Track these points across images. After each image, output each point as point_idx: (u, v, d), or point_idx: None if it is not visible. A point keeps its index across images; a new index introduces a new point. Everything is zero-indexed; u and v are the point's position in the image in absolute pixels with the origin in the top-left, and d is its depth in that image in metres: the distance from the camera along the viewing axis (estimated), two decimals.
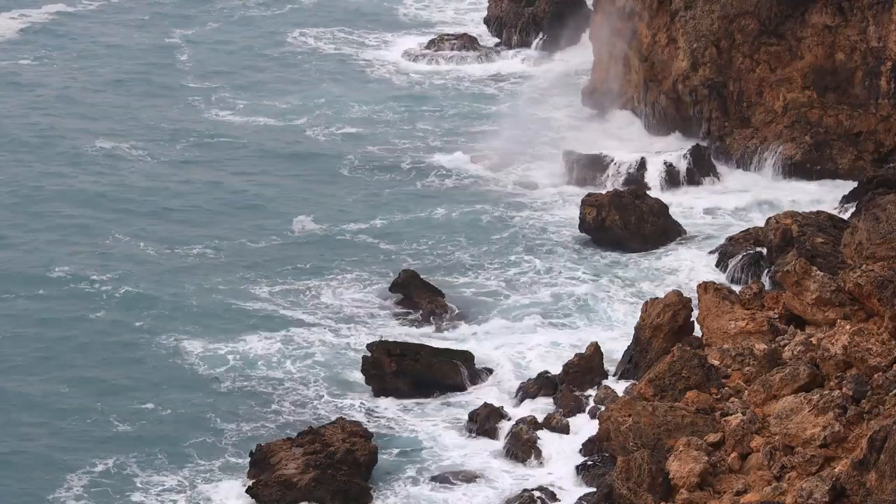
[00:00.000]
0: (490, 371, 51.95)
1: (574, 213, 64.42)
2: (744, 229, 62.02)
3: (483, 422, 48.01)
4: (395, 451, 47.12)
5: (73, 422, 48.70)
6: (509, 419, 48.03)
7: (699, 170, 69.57)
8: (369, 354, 51.19)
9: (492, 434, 47.58)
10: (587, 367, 50.43)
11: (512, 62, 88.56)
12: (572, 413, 48.22)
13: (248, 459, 45.77)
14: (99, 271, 59.18)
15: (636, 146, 72.78)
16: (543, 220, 65.28)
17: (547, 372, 51.05)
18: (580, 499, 43.31)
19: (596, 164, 70.37)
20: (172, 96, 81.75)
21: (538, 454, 46.18)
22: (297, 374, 51.84)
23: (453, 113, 79.46)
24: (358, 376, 51.33)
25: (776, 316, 47.73)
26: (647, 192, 65.41)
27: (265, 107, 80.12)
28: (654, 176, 69.10)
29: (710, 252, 61.24)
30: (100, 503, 44.55)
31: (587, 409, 48.40)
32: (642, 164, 69.77)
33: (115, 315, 55.78)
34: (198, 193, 68.31)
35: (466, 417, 48.65)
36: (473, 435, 47.90)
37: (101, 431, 48.13)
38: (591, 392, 49.22)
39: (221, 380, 51.39)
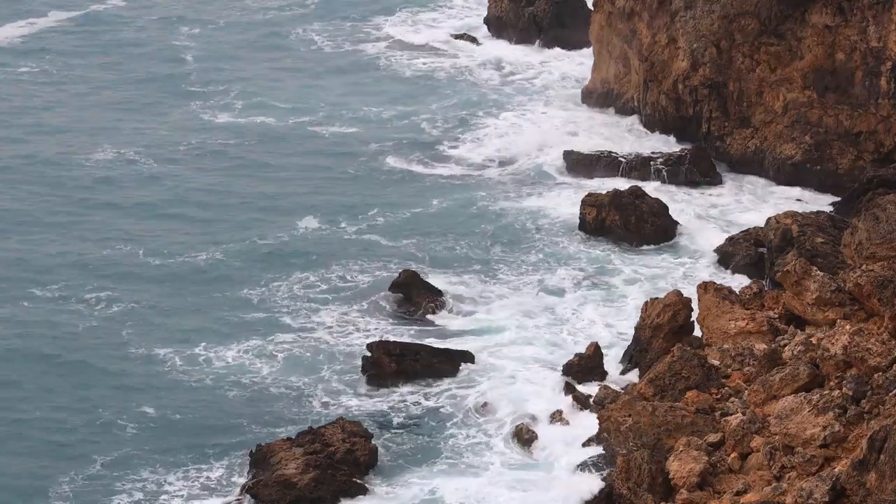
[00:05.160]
0: (490, 370, 51.91)
1: (574, 212, 64.43)
2: (744, 229, 62.03)
3: (483, 421, 48.00)
4: (395, 450, 47.12)
5: (73, 422, 48.71)
6: (510, 418, 48.02)
7: (699, 169, 69.58)
8: (369, 354, 51.22)
9: (492, 433, 47.57)
10: (587, 367, 50.44)
11: (511, 62, 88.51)
12: (572, 413, 48.19)
13: (249, 459, 45.77)
14: (101, 275, 59.03)
15: (636, 146, 72.87)
16: (543, 220, 65.22)
17: (547, 371, 51.05)
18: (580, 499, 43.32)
19: (596, 164, 70.45)
20: (177, 99, 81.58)
21: (538, 453, 46.17)
22: (297, 373, 51.82)
23: (454, 111, 79.44)
24: (358, 376, 51.35)
25: (776, 316, 47.74)
26: (647, 192, 65.38)
27: (267, 106, 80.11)
28: (654, 176, 69.13)
29: (710, 252, 61.24)
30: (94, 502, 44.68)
31: (587, 408, 48.38)
32: (642, 164, 69.84)
33: (117, 318, 55.63)
34: (202, 195, 68.16)
35: (467, 417, 48.65)
36: (474, 434, 47.90)
37: (101, 431, 48.11)
38: (592, 391, 49.21)
39: (221, 379, 51.38)
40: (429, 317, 55.85)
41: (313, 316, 56.08)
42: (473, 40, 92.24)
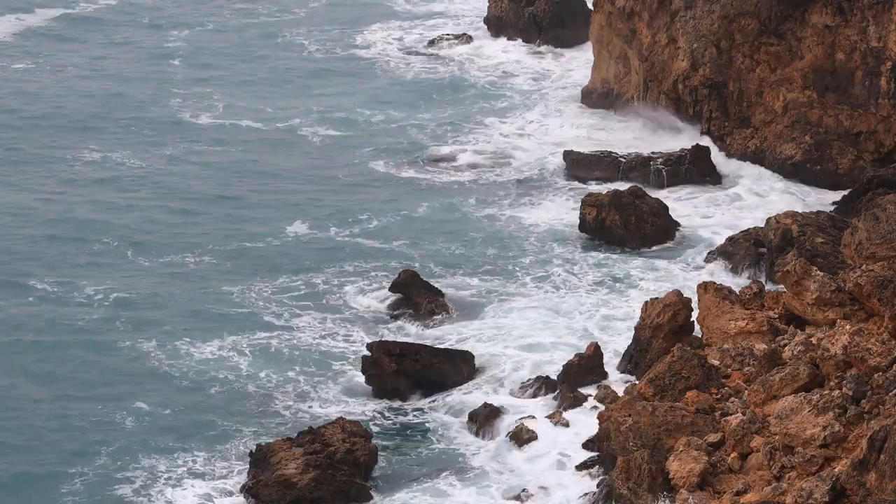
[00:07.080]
0: (490, 371, 51.92)
1: (574, 212, 64.42)
2: (744, 229, 62.01)
3: (483, 421, 48.03)
4: (395, 451, 47.13)
5: (70, 425, 48.65)
6: (509, 419, 48.01)
7: (699, 169, 69.59)
8: (369, 354, 51.20)
9: (491, 434, 47.59)
10: (587, 367, 50.42)
11: (511, 62, 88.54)
12: (572, 413, 48.17)
13: (248, 459, 45.76)
14: (91, 279, 58.63)
15: (636, 146, 72.84)
16: (543, 220, 65.23)
17: (547, 372, 51.05)
18: (580, 498, 43.30)
19: (596, 164, 70.44)
20: (164, 101, 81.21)
21: (538, 454, 46.15)
22: (297, 374, 51.82)
23: (452, 112, 79.46)
24: (358, 376, 51.33)
25: (776, 316, 47.73)
26: (647, 192, 65.37)
27: (258, 110, 79.82)
28: (654, 176, 69.14)
29: (710, 252, 61.23)
30: (95, 502, 44.64)
31: (587, 408, 48.37)
32: (642, 164, 69.84)
33: (109, 323, 55.41)
34: (190, 198, 67.89)
35: (466, 417, 48.66)
36: (473, 434, 47.91)
37: (99, 433, 48.08)
38: (592, 392, 49.20)
39: (221, 381, 51.37)
40: (428, 317, 55.83)
41: (310, 317, 56.01)
42: (472, 40, 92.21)
